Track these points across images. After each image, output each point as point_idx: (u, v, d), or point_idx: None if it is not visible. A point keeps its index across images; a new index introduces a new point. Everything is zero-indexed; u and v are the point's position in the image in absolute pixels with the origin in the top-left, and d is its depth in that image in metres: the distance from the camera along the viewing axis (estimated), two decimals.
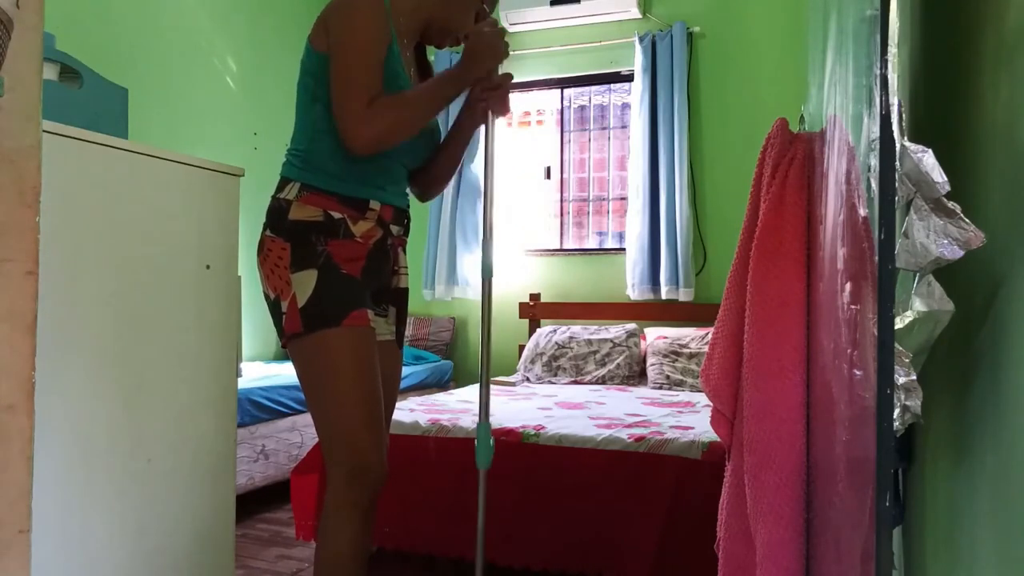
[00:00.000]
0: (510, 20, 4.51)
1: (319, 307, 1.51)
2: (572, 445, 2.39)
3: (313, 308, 1.51)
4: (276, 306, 1.56)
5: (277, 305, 1.55)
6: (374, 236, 1.60)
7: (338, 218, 1.55)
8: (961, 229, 0.75)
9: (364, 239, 1.59)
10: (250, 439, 3.15)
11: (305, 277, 1.52)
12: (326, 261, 1.53)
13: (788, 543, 1.24)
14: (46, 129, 1.36)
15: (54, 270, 1.56)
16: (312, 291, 1.51)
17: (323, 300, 1.52)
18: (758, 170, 1.40)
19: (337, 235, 1.55)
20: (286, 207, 1.56)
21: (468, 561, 2.42)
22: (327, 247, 1.54)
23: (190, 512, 1.89)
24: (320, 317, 1.51)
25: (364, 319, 1.55)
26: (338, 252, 1.55)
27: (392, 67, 1.56)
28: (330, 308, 1.52)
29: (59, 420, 1.59)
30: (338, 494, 1.52)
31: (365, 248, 1.59)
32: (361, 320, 1.54)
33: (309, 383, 1.56)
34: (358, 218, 1.58)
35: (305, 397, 1.58)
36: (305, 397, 1.58)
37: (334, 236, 1.55)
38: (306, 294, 1.52)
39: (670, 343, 3.90)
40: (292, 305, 1.52)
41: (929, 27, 1.04)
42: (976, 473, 0.81)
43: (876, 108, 0.77)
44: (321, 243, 1.54)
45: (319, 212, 1.54)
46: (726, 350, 1.39)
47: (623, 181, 4.57)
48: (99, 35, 3.37)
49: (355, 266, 1.57)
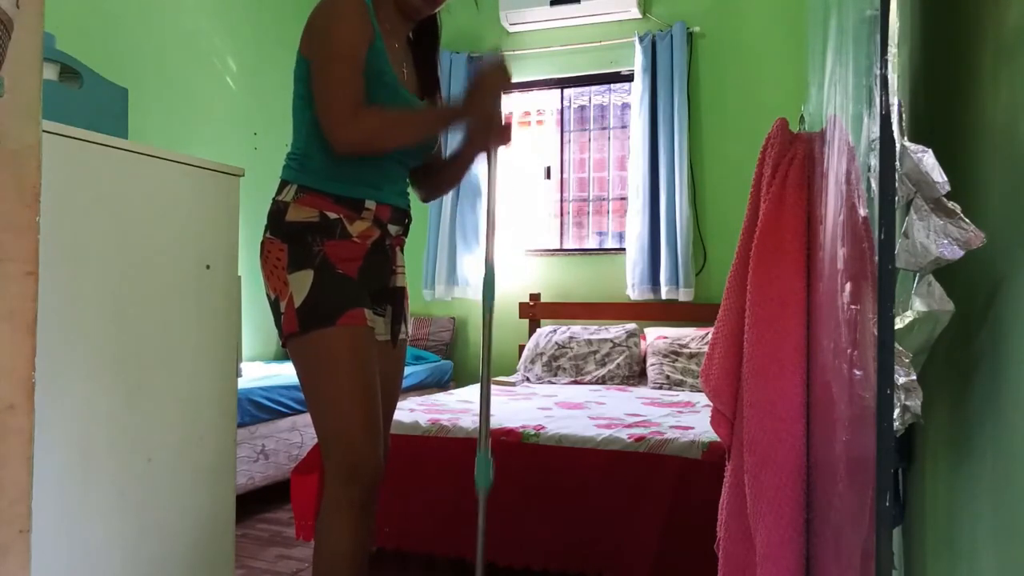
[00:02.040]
0: (510, 20, 4.51)
1: (314, 307, 1.53)
2: (572, 445, 2.39)
3: (308, 308, 1.53)
4: (276, 306, 1.57)
5: (277, 305, 1.57)
6: (371, 236, 1.61)
7: (334, 218, 1.56)
8: (961, 229, 0.75)
9: (361, 239, 1.60)
10: (250, 439, 3.15)
11: (301, 277, 1.54)
12: (322, 261, 1.55)
13: (788, 543, 1.24)
14: (46, 129, 1.35)
15: (54, 270, 1.56)
16: (308, 291, 1.53)
17: (318, 300, 1.53)
18: (758, 170, 1.40)
19: (333, 235, 1.56)
20: (284, 209, 1.57)
21: (468, 561, 2.42)
22: (323, 247, 1.55)
23: (190, 512, 1.89)
24: (315, 316, 1.53)
25: (361, 318, 1.56)
26: (334, 252, 1.56)
27: (377, 64, 1.56)
28: (325, 307, 1.53)
29: (59, 420, 1.59)
30: (335, 493, 1.53)
31: (363, 248, 1.60)
32: (357, 319, 1.55)
33: (307, 382, 1.57)
34: (354, 218, 1.58)
35: (304, 396, 1.60)
36: (304, 396, 1.60)
37: (330, 236, 1.56)
38: (302, 294, 1.53)
39: (670, 343, 3.90)
40: (289, 305, 1.54)
41: (929, 27, 1.04)
42: (976, 473, 0.81)
43: (876, 108, 0.77)
44: (318, 243, 1.55)
45: (315, 213, 1.56)
46: (726, 350, 1.39)
47: (623, 181, 4.57)
48: (99, 35, 3.36)
49: (351, 266, 1.58)
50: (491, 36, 4.60)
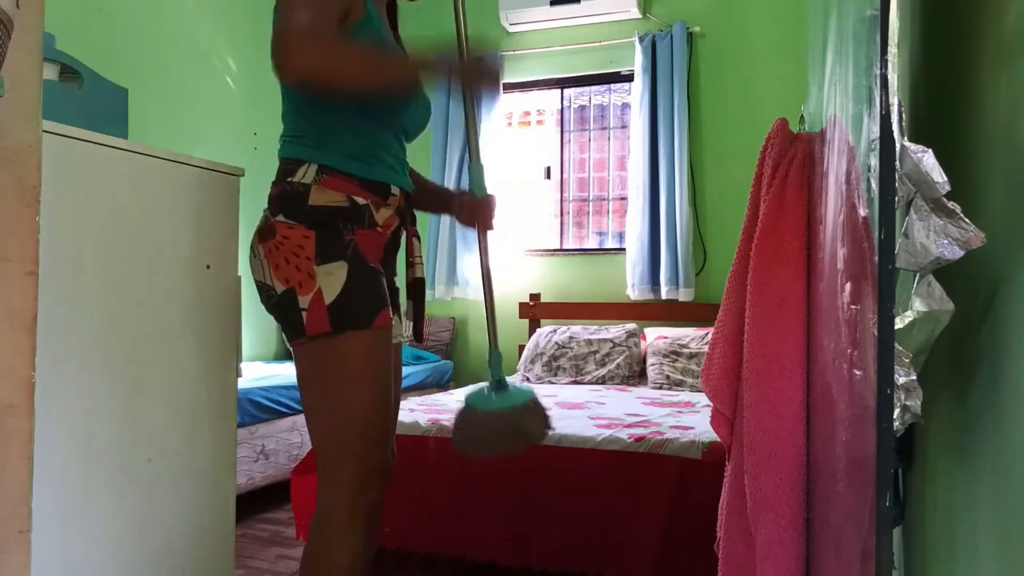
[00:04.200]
0: (510, 20, 4.50)
1: (350, 305, 1.37)
2: (572, 445, 2.39)
3: (342, 306, 1.37)
4: (289, 300, 1.38)
5: (291, 299, 1.38)
6: (392, 225, 1.50)
7: (362, 204, 1.42)
8: (961, 229, 0.75)
9: (384, 228, 1.47)
10: (250, 439, 3.15)
11: (333, 270, 1.37)
12: (354, 252, 1.40)
13: (788, 543, 1.24)
14: (46, 129, 1.35)
15: (54, 270, 1.56)
16: (342, 287, 1.37)
17: (354, 297, 1.38)
18: (758, 170, 1.39)
19: (363, 223, 1.42)
20: (303, 191, 1.39)
21: (468, 561, 2.42)
22: (354, 236, 1.40)
23: (190, 512, 1.89)
24: (350, 317, 1.37)
25: (388, 319, 1.44)
26: (363, 242, 1.42)
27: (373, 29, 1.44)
28: (362, 307, 1.39)
29: (59, 420, 1.59)
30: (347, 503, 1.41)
31: (384, 238, 1.49)
32: (387, 320, 1.43)
33: (322, 386, 1.42)
34: (380, 205, 1.45)
35: (310, 399, 1.44)
36: (310, 399, 1.44)
37: (360, 224, 1.42)
38: (334, 290, 1.37)
39: (670, 343, 3.90)
40: (317, 301, 1.36)
41: (929, 27, 1.04)
42: (976, 473, 0.81)
43: (876, 108, 0.77)
44: (349, 232, 1.40)
45: (343, 197, 1.40)
46: (726, 350, 1.39)
47: (623, 181, 4.57)
48: (99, 35, 3.37)
49: (376, 258, 1.46)
50: (491, 36, 4.60)
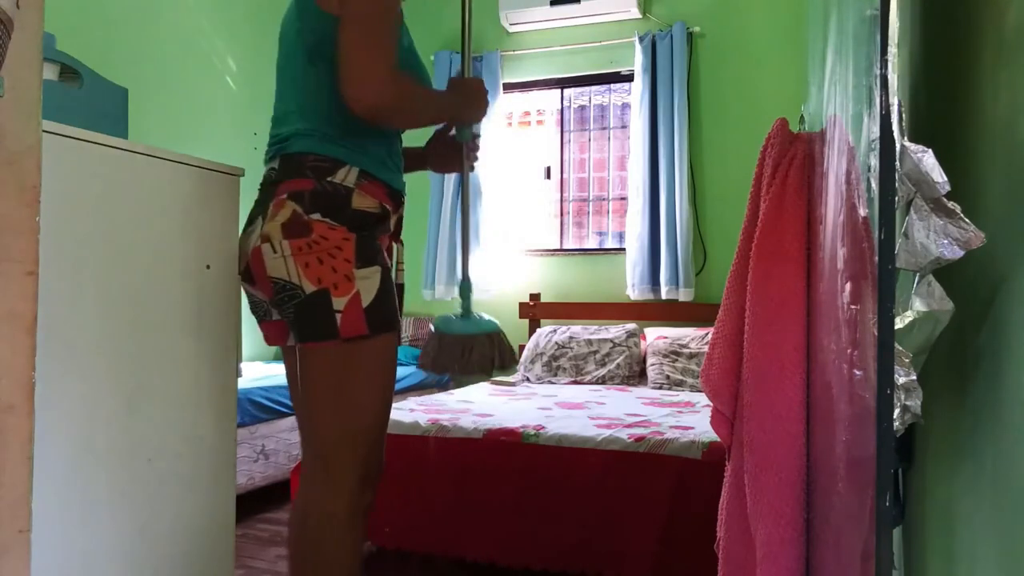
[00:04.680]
0: (510, 20, 4.50)
1: (382, 309, 1.44)
2: (572, 445, 2.39)
3: (376, 309, 1.43)
4: (320, 301, 1.40)
5: (322, 300, 1.40)
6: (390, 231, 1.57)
7: (386, 211, 1.50)
8: (961, 229, 0.75)
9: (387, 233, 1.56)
10: (250, 439, 3.15)
11: (369, 274, 1.43)
12: (382, 258, 1.47)
13: (788, 543, 1.24)
14: (46, 129, 1.35)
15: (54, 270, 1.56)
16: (377, 291, 1.43)
17: (385, 301, 1.44)
18: (758, 170, 1.39)
19: (385, 229, 1.51)
20: (346, 194, 1.43)
21: (468, 561, 2.42)
22: (381, 242, 1.49)
23: (190, 512, 1.89)
24: (383, 319, 1.44)
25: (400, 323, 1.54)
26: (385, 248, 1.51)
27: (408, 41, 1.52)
28: (390, 309, 1.46)
29: (59, 420, 1.58)
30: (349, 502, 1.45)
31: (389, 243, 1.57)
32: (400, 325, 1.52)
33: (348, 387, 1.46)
34: (393, 212, 1.54)
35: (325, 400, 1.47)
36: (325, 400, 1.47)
37: (385, 231, 1.50)
38: (371, 293, 1.42)
39: (670, 343, 3.90)
40: (355, 304, 1.40)
41: (929, 27, 1.04)
42: (976, 473, 0.81)
43: (876, 108, 0.77)
44: (377, 238, 1.48)
45: (377, 204, 1.47)
46: (726, 350, 1.39)
47: (623, 181, 4.57)
48: (99, 35, 3.36)
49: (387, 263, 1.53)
50: (491, 36, 4.60)
